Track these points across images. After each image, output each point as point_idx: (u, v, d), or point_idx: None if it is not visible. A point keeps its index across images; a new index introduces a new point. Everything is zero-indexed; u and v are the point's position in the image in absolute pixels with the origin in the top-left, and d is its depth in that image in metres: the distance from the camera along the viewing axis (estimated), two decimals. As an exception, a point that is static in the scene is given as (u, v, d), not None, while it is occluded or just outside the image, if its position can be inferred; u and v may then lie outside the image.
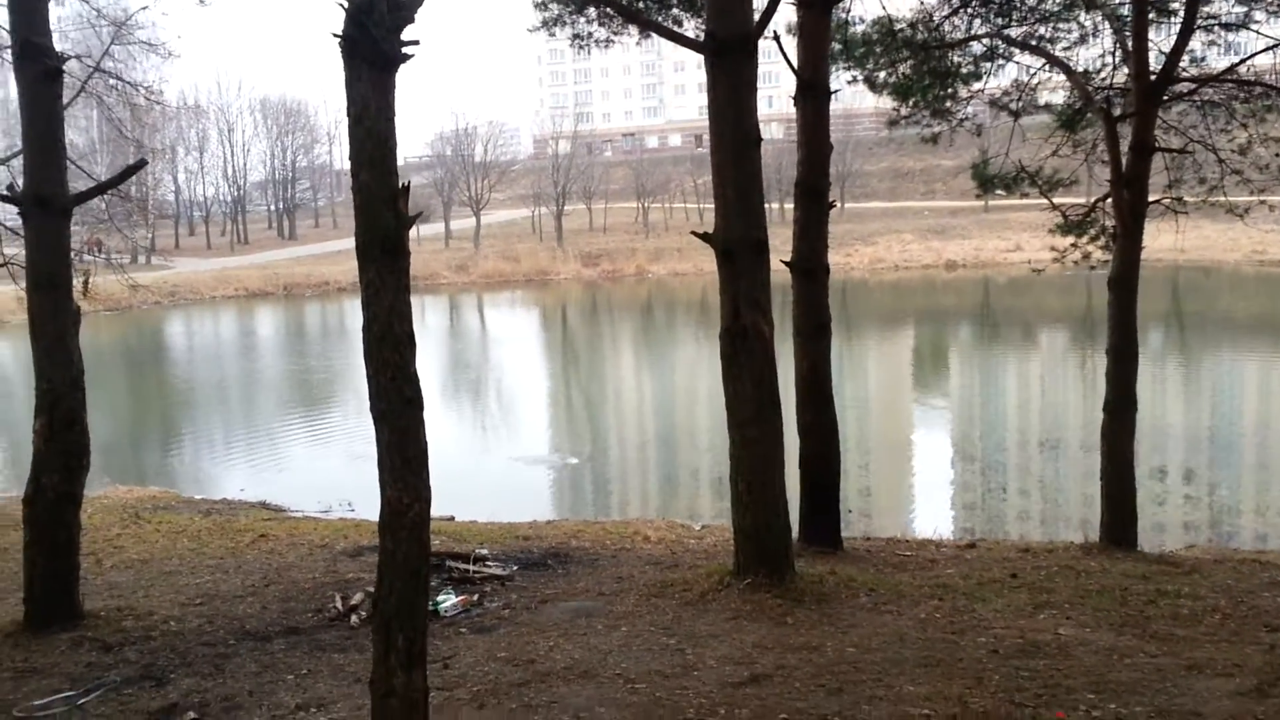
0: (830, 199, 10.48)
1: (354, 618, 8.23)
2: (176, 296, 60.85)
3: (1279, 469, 17.96)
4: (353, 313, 55.21)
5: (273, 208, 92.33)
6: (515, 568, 9.89)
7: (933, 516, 15.12)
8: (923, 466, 18.66)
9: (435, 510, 13.85)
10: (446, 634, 7.80)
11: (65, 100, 10.69)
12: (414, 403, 4.75)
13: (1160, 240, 16.02)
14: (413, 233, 4.77)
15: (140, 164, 8.41)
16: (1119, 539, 10.78)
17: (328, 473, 19.56)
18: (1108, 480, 10.92)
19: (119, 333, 49.04)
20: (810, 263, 10.25)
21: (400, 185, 4.62)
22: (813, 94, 9.97)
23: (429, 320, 52.31)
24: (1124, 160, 10.72)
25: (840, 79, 11.99)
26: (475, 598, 8.81)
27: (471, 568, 9.59)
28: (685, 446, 20.56)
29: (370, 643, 4.89)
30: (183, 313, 56.71)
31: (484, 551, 10.88)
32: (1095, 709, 5.53)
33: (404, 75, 4.59)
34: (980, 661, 6.41)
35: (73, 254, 10.65)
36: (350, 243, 4.94)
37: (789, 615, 7.63)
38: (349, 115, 4.55)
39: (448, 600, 8.55)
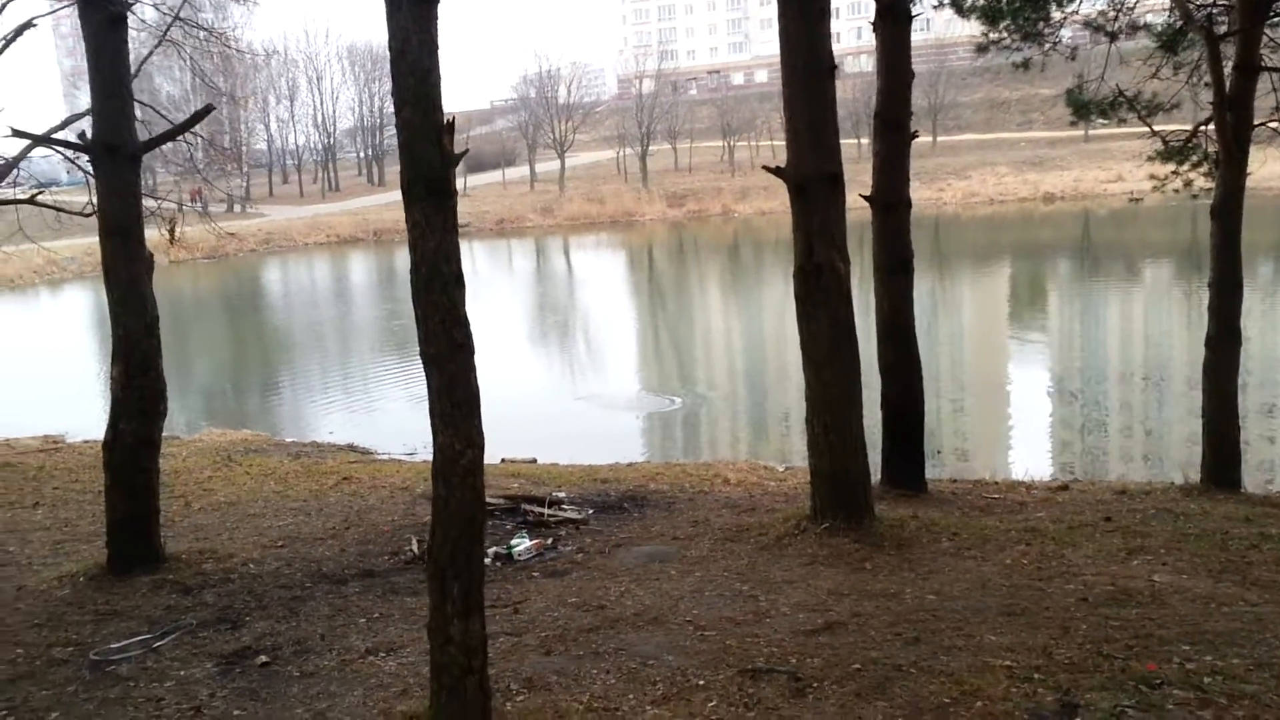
0: (915, 131, 10.03)
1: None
2: (270, 244, 62.21)
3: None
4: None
5: (362, 154, 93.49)
6: (591, 511, 9.83)
7: (1027, 457, 14.65)
8: (1018, 405, 18.05)
9: (518, 452, 13.92)
10: (519, 577, 7.77)
11: (148, 50, 10.78)
12: (464, 347, 4.62)
13: (1267, 168, 15.08)
14: (497, 176, 4.65)
15: (208, 109, 8.36)
16: (1221, 480, 10.27)
17: (414, 416, 19.76)
18: (1209, 418, 10.39)
19: (216, 280, 50.37)
20: (891, 197, 9.86)
21: (445, 121, 4.44)
22: (892, 18, 9.51)
23: (516, 263, 52.62)
24: (1228, 82, 10.03)
25: (924, 3, 11.43)
26: (549, 541, 8.77)
27: (547, 511, 9.55)
28: (772, 387, 20.26)
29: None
30: (277, 259, 57.95)
31: (561, 495, 10.85)
32: (1189, 660, 5.21)
33: (486, 17, 4.39)
34: (1068, 610, 6.12)
35: (176, 203, 10.80)
36: None
37: (867, 561, 7.41)
38: (390, 50, 4.38)
39: (522, 544, 8.52)
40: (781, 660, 5.53)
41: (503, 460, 15.23)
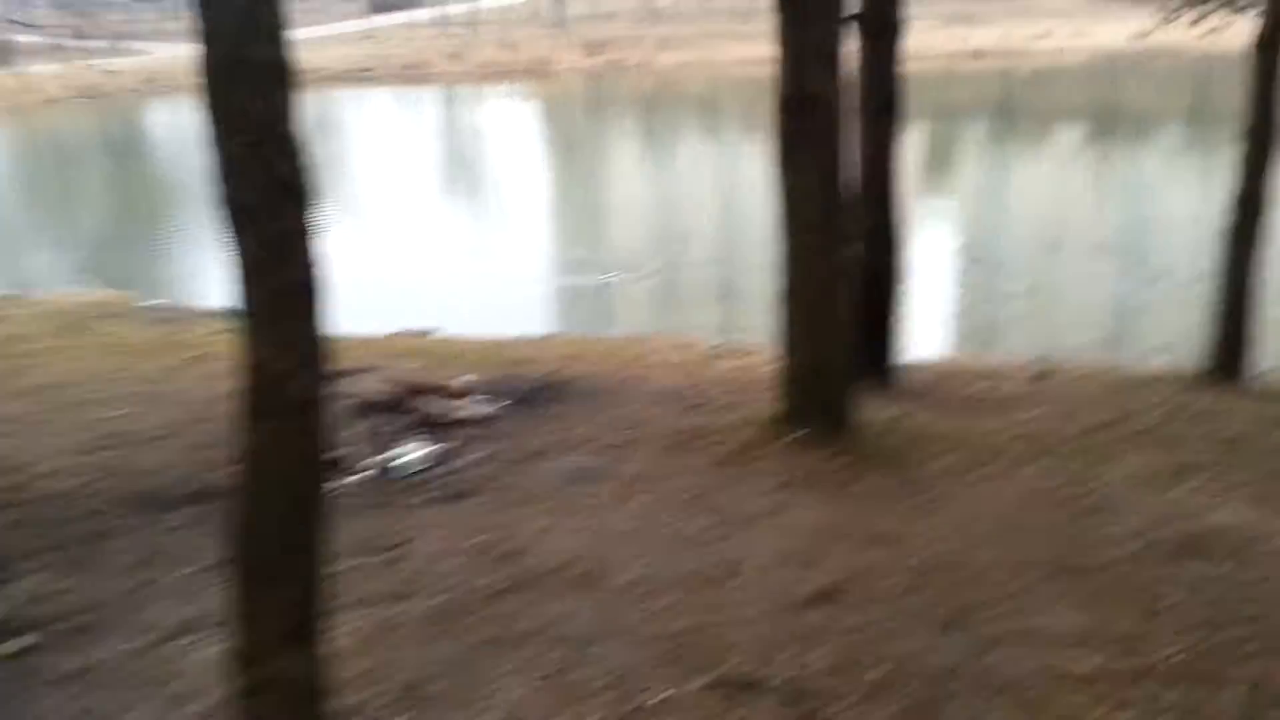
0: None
1: (289, 476, 6.40)
2: (154, 84, 57.27)
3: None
4: (344, 105, 51.99)
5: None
6: (500, 405, 8.04)
7: (968, 336, 13.24)
8: (942, 279, 16.42)
9: (415, 324, 11.91)
10: (404, 502, 5.99)
11: None
12: (294, 191, 2.73)
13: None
14: (404, 18, 2.80)
15: None
16: (1230, 369, 8.87)
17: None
18: (1224, 296, 8.90)
19: (94, 121, 46.13)
20: (879, 20, 7.95)
21: None
22: None
23: (423, 113, 49.24)
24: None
25: None
26: (448, 448, 6.99)
27: (446, 405, 7.73)
28: (697, 254, 18.45)
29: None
30: (163, 101, 53.44)
31: (464, 379, 9.02)
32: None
33: None
34: (1135, 567, 4.59)
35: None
36: (339, 28, 2.82)
37: (855, 482, 5.79)
38: None
39: (413, 451, 6.72)
40: (768, 658, 3.89)
41: (397, 332, 13.32)
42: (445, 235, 20.60)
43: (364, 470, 6.53)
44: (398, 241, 19.83)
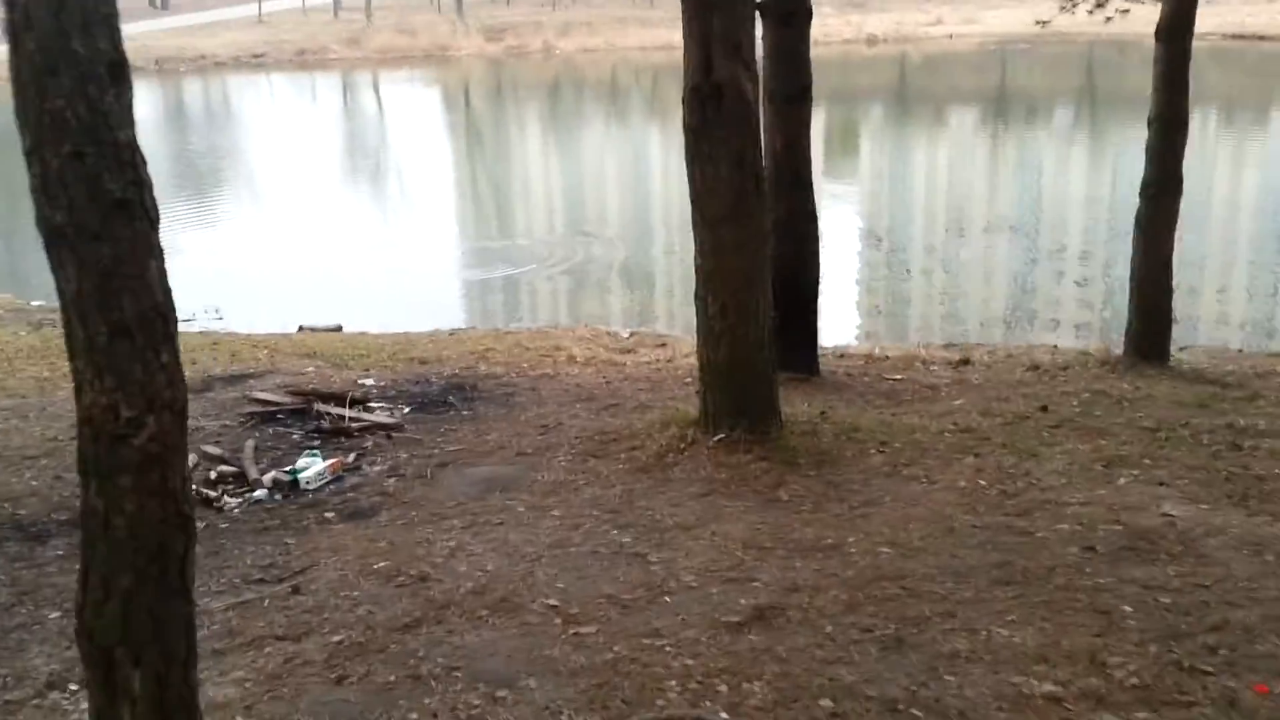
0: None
1: (176, 497, 5.91)
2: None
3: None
4: (237, 92, 50.25)
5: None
6: (407, 410, 7.60)
7: (878, 321, 13.19)
8: (847, 262, 16.33)
9: (320, 319, 11.37)
10: (305, 521, 5.55)
11: None
12: (131, 208, 2.31)
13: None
14: (297, 2, 2.39)
15: None
16: (1150, 352, 8.85)
17: (199, 274, 16.74)
18: (1140, 279, 8.87)
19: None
20: (789, 4, 7.71)
21: None
22: None
23: (321, 99, 47.85)
24: None
25: None
26: (351, 459, 6.55)
27: (349, 413, 7.27)
28: (603, 240, 18.07)
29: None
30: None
31: (369, 382, 8.57)
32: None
33: None
34: (1082, 570, 4.40)
35: None
36: (229, 13, 2.38)
37: (781, 486, 5.52)
38: None
39: (313, 465, 6.26)
40: (706, 689, 3.59)
41: (300, 329, 12.74)
42: (349, 226, 19.86)
43: (260, 487, 6.06)
44: (300, 233, 19.08)
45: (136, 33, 66.04)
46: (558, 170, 27.48)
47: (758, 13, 7.52)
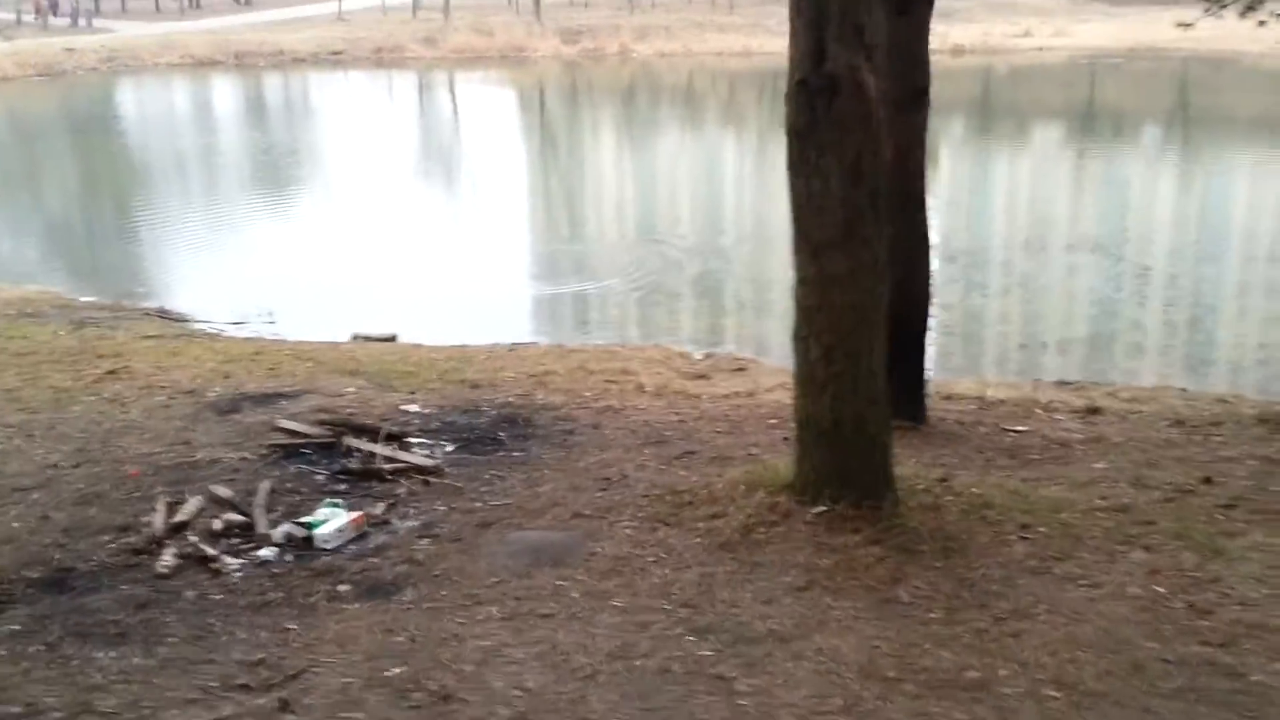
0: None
1: (166, 555, 4.96)
2: (115, 62, 55.20)
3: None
4: (317, 86, 50.10)
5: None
6: (449, 449, 6.60)
7: (973, 351, 12.00)
8: (954, 283, 15.08)
9: (376, 326, 10.32)
10: (312, 596, 4.56)
11: None
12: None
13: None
14: (377, 1, 1.54)
15: None
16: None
17: (261, 272, 16.03)
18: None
19: (50, 101, 44.08)
20: (909, -10, 6.60)
21: None
22: None
23: (396, 97, 47.48)
24: None
25: None
26: (380, 509, 5.56)
27: (382, 451, 6.29)
28: (682, 250, 16.96)
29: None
30: (126, 80, 51.39)
31: (412, 407, 7.61)
32: None
33: None
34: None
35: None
36: (311, 9, 1.41)
37: (901, 582, 4.40)
38: None
39: (333, 519, 5.29)
40: None
41: (353, 337, 11.87)
42: (416, 227, 19.06)
43: (268, 544, 5.11)
44: (366, 233, 18.36)
45: (219, 26, 66.68)
46: (631, 175, 26.47)
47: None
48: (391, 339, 11.97)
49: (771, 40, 60.16)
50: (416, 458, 6.26)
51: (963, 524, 4.94)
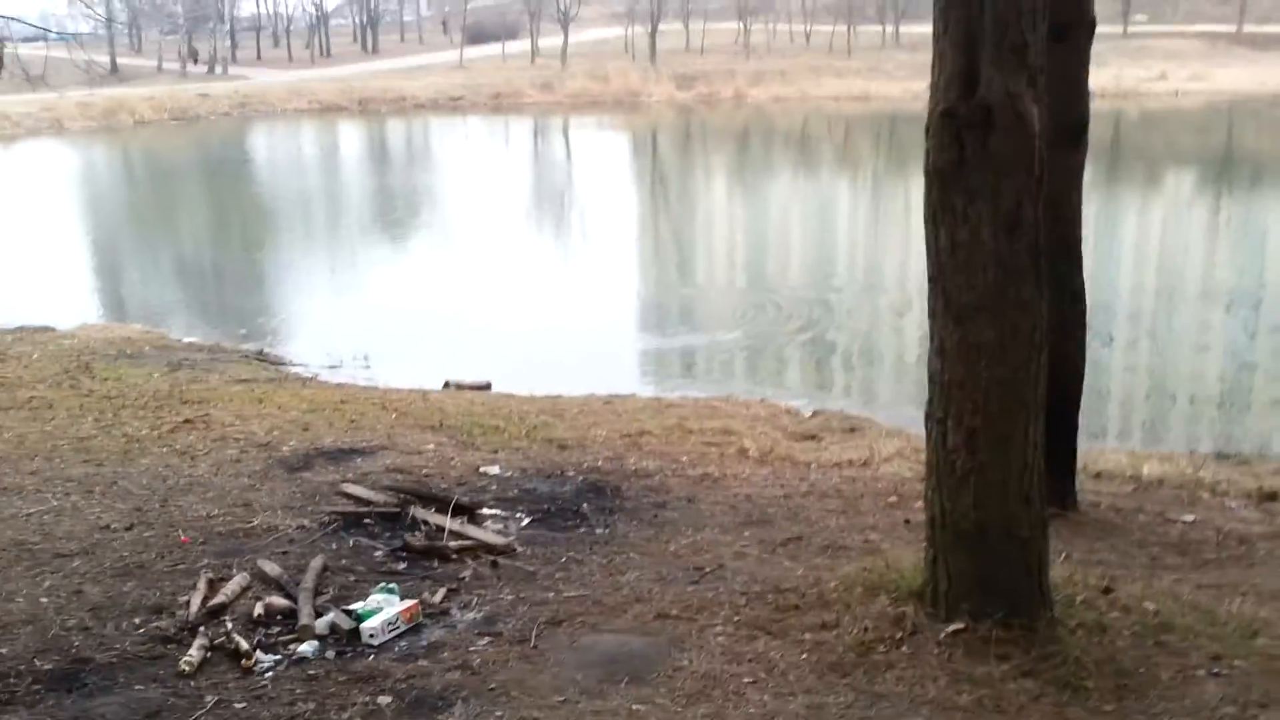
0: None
1: (194, 648, 4.33)
2: (246, 108, 57.20)
3: None
4: (437, 130, 50.91)
5: (357, 20, 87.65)
6: (524, 521, 5.90)
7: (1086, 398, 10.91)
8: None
9: (472, 373, 9.47)
10: (348, 711, 3.86)
11: None
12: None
13: None
14: (497, 49, 1.03)
15: None
16: None
17: (365, 315, 15.81)
18: None
19: (180, 143, 45.63)
20: (1064, 13, 5.73)
21: None
22: None
23: (512, 141, 47.83)
24: None
25: None
26: (440, 596, 4.86)
27: (450, 525, 5.61)
28: (782, 297, 16.13)
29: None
30: (255, 125, 53.02)
31: (492, 470, 6.95)
32: None
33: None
34: None
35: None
36: (433, 58, 0.80)
37: (1060, 729, 3.51)
38: None
39: (385, 608, 4.60)
40: None
41: (446, 384, 11.36)
42: (523, 271, 18.66)
43: (309, 637, 4.45)
44: (473, 276, 18.09)
45: (346, 74, 68.69)
46: (742, 221, 25.74)
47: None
48: (486, 387, 11.45)
49: (889, 85, 59.19)
50: (487, 534, 5.56)
51: (1138, 652, 3.99)
